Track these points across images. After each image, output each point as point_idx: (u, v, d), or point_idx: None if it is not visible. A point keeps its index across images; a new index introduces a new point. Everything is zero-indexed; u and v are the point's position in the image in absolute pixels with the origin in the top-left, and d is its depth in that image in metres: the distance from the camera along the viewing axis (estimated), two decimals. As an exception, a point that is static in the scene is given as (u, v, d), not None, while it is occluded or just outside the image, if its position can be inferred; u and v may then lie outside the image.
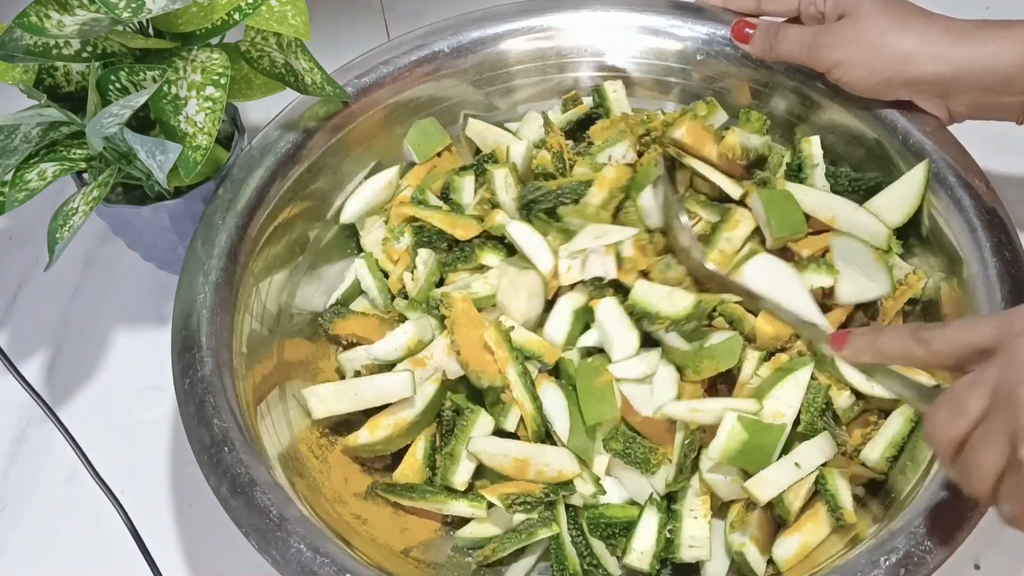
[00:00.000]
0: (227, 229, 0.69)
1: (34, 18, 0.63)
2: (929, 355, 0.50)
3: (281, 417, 0.67)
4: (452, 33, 0.80)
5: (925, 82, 0.69)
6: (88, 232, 0.87)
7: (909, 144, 0.71)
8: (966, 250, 0.66)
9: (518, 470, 0.64)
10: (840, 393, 0.65)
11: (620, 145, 0.74)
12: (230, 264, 0.68)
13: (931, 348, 0.50)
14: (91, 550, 0.71)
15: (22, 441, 0.76)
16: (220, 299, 0.67)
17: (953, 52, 0.67)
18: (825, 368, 0.65)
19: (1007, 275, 0.64)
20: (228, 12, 0.68)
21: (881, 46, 0.68)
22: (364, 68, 0.78)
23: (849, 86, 0.71)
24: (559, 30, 0.81)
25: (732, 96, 0.79)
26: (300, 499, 0.61)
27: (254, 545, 0.57)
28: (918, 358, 0.51)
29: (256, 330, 0.69)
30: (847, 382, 0.65)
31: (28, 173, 0.67)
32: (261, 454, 0.61)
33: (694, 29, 0.79)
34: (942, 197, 0.69)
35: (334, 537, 0.58)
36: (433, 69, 0.79)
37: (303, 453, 0.67)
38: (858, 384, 0.65)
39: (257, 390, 0.66)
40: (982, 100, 0.69)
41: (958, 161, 0.70)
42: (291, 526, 0.57)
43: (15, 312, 0.84)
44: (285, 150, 0.74)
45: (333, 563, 0.55)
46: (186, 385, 0.63)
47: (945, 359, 0.50)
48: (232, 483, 0.58)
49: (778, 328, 0.66)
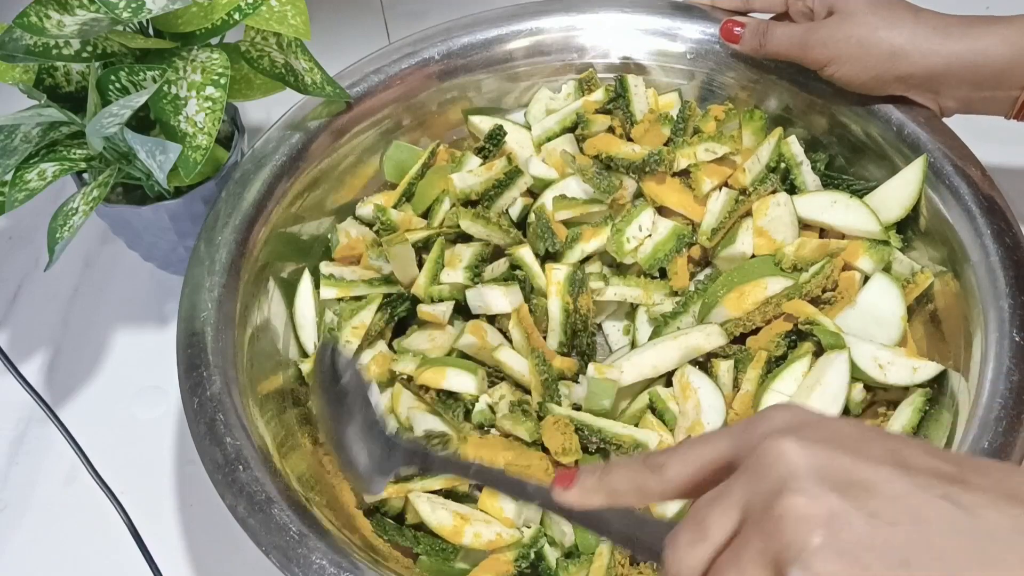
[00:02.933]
0: (227, 245, 0.69)
1: (34, 18, 0.63)
2: (665, 484, 0.41)
3: (292, 432, 0.67)
4: (442, 39, 0.80)
5: (916, 77, 0.69)
6: (88, 232, 0.87)
7: (904, 136, 0.71)
8: (966, 239, 0.66)
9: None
10: (854, 386, 0.65)
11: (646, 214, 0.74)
12: (231, 280, 0.68)
13: (666, 476, 0.41)
14: (91, 550, 0.71)
15: (22, 441, 0.76)
16: (223, 315, 0.66)
17: (943, 48, 0.67)
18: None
19: (1009, 261, 0.64)
20: (228, 12, 0.68)
21: (871, 43, 0.68)
22: (357, 76, 0.78)
23: (841, 83, 0.72)
24: (554, 31, 0.81)
25: (726, 92, 0.80)
26: (319, 514, 0.60)
27: (275, 563, 0.56)
28: (654, 490, 0.42)
29: (261, 345, 0.69)
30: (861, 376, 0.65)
31: (28, 173, 0.67)
32: (275, 470, 0.61)
33: (691, 30, 0.79)
34: (940, 187, 0.69)
35: (356, 551, 0.58)
36: (430, 74, 0.79)
37: (316, 467, 0.66)
38: (871, 376, 0.65)
39: (265, 405, 0.66)
40: (972, 95, 0.69)
41: (954, 150, 0.70)
42: (312, 542, 0.56)
43: (15, 312, 0.84)
44: (281, 162, 0.73)
45: None
46: (195, 404, 0.62)
47: (684, 486, 0.41)
48: (249, 501, 0.58)
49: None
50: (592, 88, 0.81)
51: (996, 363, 0.60)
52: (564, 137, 0.79)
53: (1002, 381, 0.59)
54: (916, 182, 0.70)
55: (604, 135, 0.78)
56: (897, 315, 0.68)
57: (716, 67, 0.79)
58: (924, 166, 0.70)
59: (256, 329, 0.69)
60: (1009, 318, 0.61)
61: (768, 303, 0.69)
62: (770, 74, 0.77)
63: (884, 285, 0.69)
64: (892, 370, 0.65)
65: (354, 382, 0.54)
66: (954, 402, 0.63)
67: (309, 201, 0.75)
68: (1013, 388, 0.59)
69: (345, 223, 0.77)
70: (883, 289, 0.69)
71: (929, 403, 0.64)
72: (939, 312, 0.68)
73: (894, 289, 0.69)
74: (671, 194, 0.75)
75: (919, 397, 0.64)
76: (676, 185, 0.75)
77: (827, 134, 0.77)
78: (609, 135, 0.78)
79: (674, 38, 0.80)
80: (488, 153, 0.79)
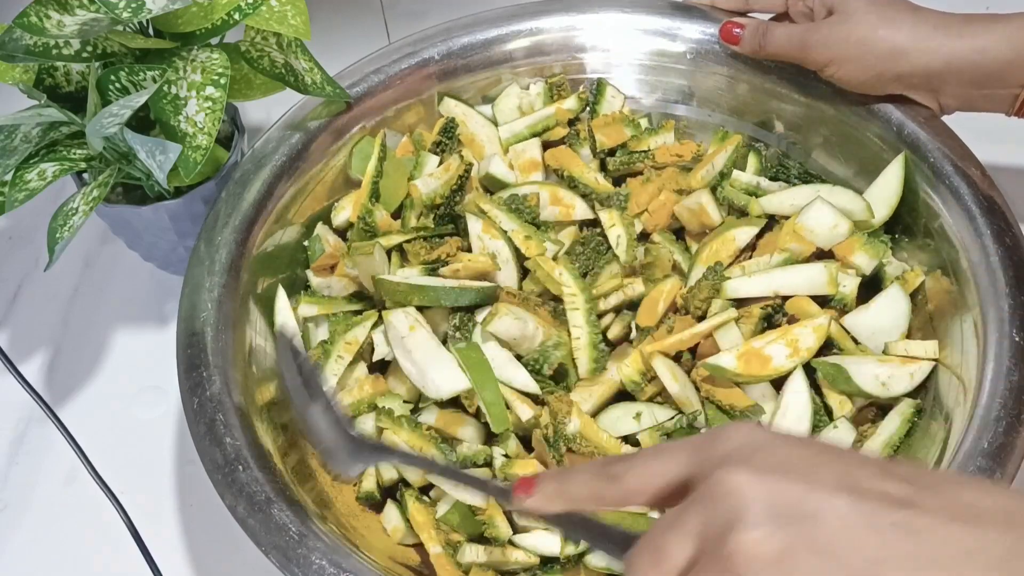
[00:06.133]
0: (227, 245, 0.69)
1: (34, 18, 0.63)
2: (623, 494, 0.41)
3: (291, 433, 0.67)
4: (443, 39, 0.80)
5: (916, 76, 0.69)
6: (88, 232, 0.87)
7: (904, 136, 0.71)
8: (966, 239, 0.66)
9: None
10: (843, 405, 0.66)
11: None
12: (231, 280, 0.68)
13: (624, 486, 0.41)
14: (91, 550, 0.71)
15: (22, 441, 0.76)
16: (223, 316, 0.66)
17: (943, 46, 0.67)
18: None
19: (1009, 261, 0.64)
20: (228, 12, 0.68)
21: (871, 42, 0.68)
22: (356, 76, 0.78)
23: (842, 83, 0.72)
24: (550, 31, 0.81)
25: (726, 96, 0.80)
26: (317, 514, 0.60)
27: (275, 563, 0.56)
28: (610, 498, 0.42)
29: (260, 345, 0.69)
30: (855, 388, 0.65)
31: (28, 173, 0.67)
32: (275, 471, 0.61)
33: (691, 30, 0.79)
34: (940, 187, 0.69)
35: (355, 551, 0.58)
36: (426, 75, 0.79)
37: (314, 467, 0.66)
38: (875, 394, 0.65)
39: (264, 406, 0.66)
40: (972, 92, 0.69)
41: (954, 150, 0.70)
42: (311, 542, 0.56)
43: (15, 312, 0.84)
44: (281, 163, 0.73)
45: None
46: (195, 404, 0.62)
47: (640, 497, 0.41)
48: (249, 501, 0.58)
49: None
50: (563, 95, 0.81)
51: (996, 363, 0.60)
52: (532, 141, 0.79)
53: (1002, 381, 0.59)
54: (897, 180, 0.70)
55: (566, 151, 0.78)
56: (902, 327, 0.68)
57: (715, 74, 0.79)
58: (904, 162, 0.70)
59: (256, 330, 0.69)
60: (1009, 318, 0.61)
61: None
62: (769, 75, 0.77)
63: (896, 295, 0.69)
64: (893, 383, 0.65)
65: (310, 375, 0.57)
66: (943, 408, 0.63)
67: (308, 201, 0.75)
68: (1013, 388, 0.58)
69: (323, 230, 0.75)
70: (894, 299, 0.69)
71: (918, 414, 0.65)
72: (934, 312, 0.68)
73: (904, 300, 0.68)
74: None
75: (908, 408, 0.65)
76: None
77: (825, 134, 0.77)
78: (571, 152, 0.78)
79: (674, 38, 0.80)
80: (444, 147, 0.79)
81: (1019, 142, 0.78)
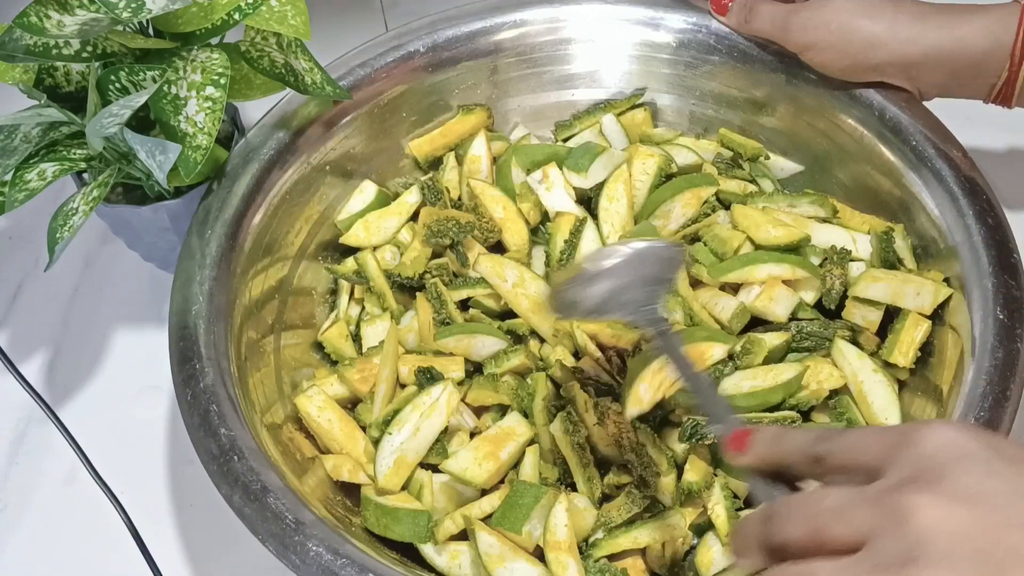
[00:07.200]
0: (217, 238, 0.69)
1: (34, 18, 0.63)
2: (823, 470, 0.41)
3: (284, 422, 0.67)
4: (427, 32, 0.80)
5: (894, 65, 0.70)
6: (88, 232, 0.87)
7: (886, 120, 0.72)
8: (949, 219, 0.67)
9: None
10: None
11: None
12: (222, 273, 0.68)
13: (825, 465, 0.41)
14: (91, 550, 0.71)
15: (22, 441, 0.76)
16: (215, 308, 0.66)
17: (921, 37, 0.68)
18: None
19: (992, 240, 0.64)
20: (228, 12, 0.68)
21: (850, 31, 0.69)
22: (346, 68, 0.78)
23: (821, 68, 0.73)
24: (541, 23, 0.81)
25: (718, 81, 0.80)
26: (313, 502, 0.60)
27: (272, 551, 0.56)
28: (806, 472, 0.43)
29: (252, 337, 0.69)
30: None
31: (28, 173, 0.67)
32: (270, 460, 0.61)
33: (674, 19, 0.80)
34: (922, 170, 0.69)
35: (352, 538, 0.58)
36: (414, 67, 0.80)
37: (307, 455, 0.66)
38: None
39: (258, 396, 0.66)
40: (950, 82, 0.70)
41: (935, 132, 0.70)
42: (308, 529, 0.56)
43: (15, 312, 0.84)
44: (270, 156, 0.73)
45: (354, 564, 0.55)
46: (189, 396, 0.62)
47: (830, 472, 0.41)
48: (244, 491, 0.58)
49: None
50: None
51: (980, 341, 0.61)
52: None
53: (987, 358, 0.60)
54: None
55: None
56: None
57: (702, 64, 0.80)
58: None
59: (248, 321, 0.69)
60: (992, 297, 0.62)
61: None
62: (754, 63, 0.78)
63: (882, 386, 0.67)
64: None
65: None
66: (931, 386, 0.65)
67: (301, 195, 0.75)
68: (998, 365, 0.59)
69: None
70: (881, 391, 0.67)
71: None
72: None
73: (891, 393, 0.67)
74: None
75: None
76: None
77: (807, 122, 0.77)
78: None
79: (657, 27, 0.80)
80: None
81: (997, 126, 0.78)
